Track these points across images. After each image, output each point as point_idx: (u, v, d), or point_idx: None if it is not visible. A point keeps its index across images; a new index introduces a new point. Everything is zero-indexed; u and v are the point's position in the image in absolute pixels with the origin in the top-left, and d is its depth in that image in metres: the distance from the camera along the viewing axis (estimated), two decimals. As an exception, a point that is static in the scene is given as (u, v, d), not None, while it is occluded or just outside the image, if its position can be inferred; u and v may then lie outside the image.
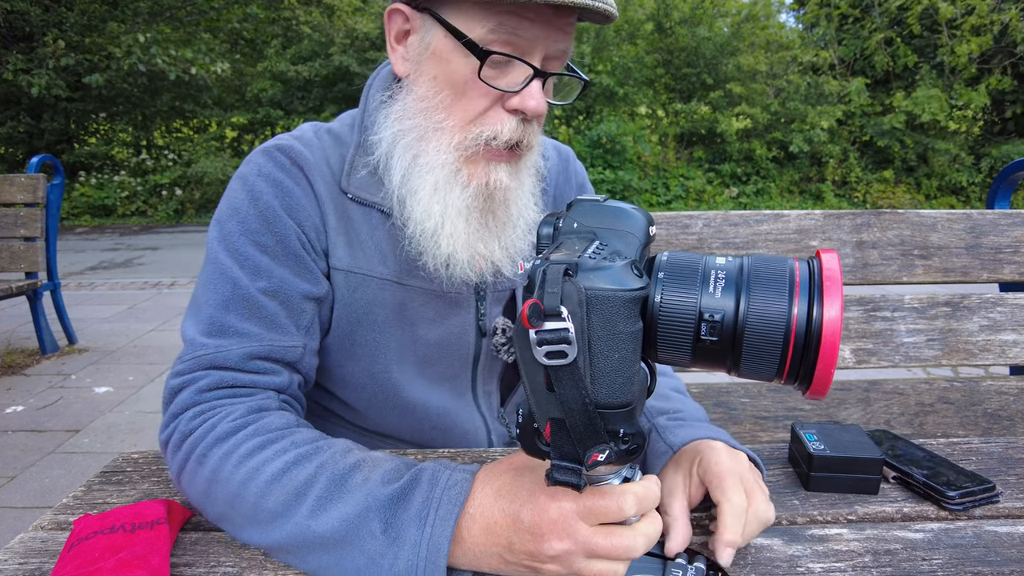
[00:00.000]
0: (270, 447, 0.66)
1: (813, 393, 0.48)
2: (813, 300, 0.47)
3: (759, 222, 1.32)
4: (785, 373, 0.48)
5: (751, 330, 0.47)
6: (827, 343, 0.46)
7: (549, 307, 0.46)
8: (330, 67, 10.72)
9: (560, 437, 0.49)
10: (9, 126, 10.09)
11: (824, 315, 0.46)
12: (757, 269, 0.49)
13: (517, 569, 0.57)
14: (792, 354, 0.47)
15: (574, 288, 0.46)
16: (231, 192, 0.82)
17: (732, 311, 0.48)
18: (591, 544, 0.54)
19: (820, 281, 0.47)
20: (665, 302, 0.49)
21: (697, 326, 0.48)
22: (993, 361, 1.30)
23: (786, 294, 0.47)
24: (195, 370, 0.73)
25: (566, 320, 0.46)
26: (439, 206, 0.79)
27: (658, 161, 10.75)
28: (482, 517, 0.58)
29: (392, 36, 0.82)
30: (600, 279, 0.47)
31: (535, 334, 0.46)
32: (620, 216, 0.54)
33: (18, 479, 2.38)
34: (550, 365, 0.46)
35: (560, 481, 0.50)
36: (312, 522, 0.60)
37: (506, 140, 0.77)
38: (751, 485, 0.66)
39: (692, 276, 0.49)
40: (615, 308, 0.47)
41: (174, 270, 6.38)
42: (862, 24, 11.16)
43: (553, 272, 0.47)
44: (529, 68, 0.74)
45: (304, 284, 0.80)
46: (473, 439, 0.95)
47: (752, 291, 0.48)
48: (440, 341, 0.89)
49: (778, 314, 0.47)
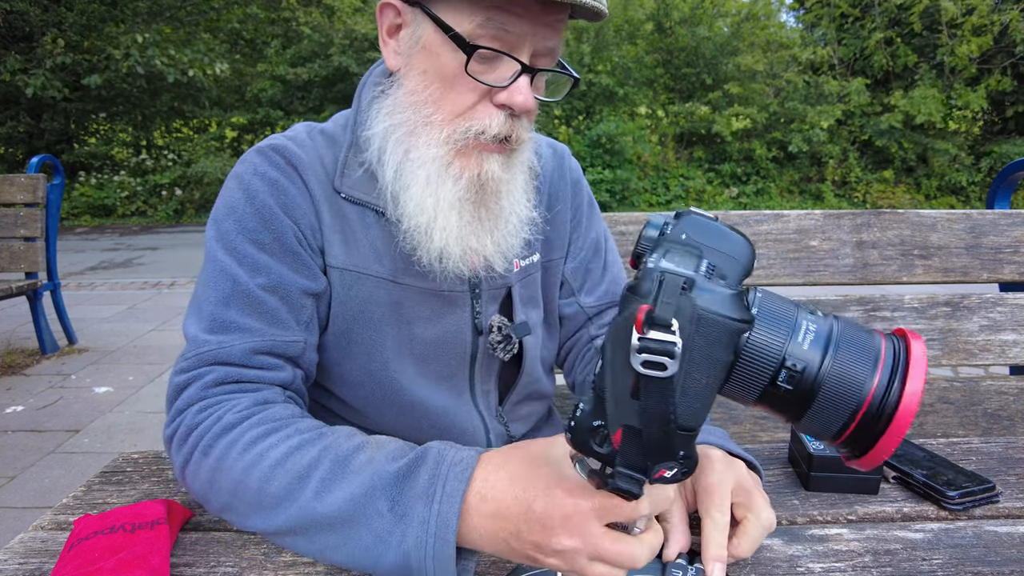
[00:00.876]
0: (274, 434, 0.67)
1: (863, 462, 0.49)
2: (895, 375, 0.47)
3: (759, 222, 1.32)
4: (844, 436, 0.49)
5: (828, 388, 0.48)
6: (902, 417, 0.46)
7: (661, 318, 0.44)
8: (329, 68, 10.73)
9: (630, 445, 0.48)
10: (9, 126, 10.09)
11: (905, 390, 0.47)
12: (847, 333, 0.50)
13: (520, 557, 0.57)
14: (859, 420, 0.48)
15: (689, 304, 0.46)
16: (227, 191, 0.82)
17: (816, 366, 0.48)
18: (598, 546, 0.54)
19: (906, 358, 0.48)
20: (753, 339, 0.49)
21: (777, 371, 0.48)
22: (993, 361, 1.30)
23: (871, 362, 0.48)
24: (199, 366, 0.74)
25: (675, 334, 0.44)
26: (431, 200, 0.79)
27: (658, 161, 10.75)
28: (494, 500, 0.57)
29: (384, 30, 0.83)
30: (714, 303, 0.47)
31: (638, 340, 0.44)
32: (728, 240, 0.53)
33: (18, 479, 2.38)
34: (645, 374, 0.45)
35: (621, 488, 0.49)
36: (317, 503, 0.60)
37: (494, 134, 0.77)
38: (749, 495, 0.65)
39: (785, 321, 0.49)
40: (721, 334, 0.47)
41: (174, 270, 6.38)
42: (862, 24, 11.17)
43: (671, 282, 0.46)
44: (517, 64, 0.74)
45: (303, 280, 0.80)
46: (471, 439, 0.94)
47: (840, 351, 0.48)
48: (436, 340, 0.89)
49: (859, 379, 0.48)
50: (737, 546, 0.63)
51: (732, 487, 0.65)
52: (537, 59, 0.77)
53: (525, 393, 1.00)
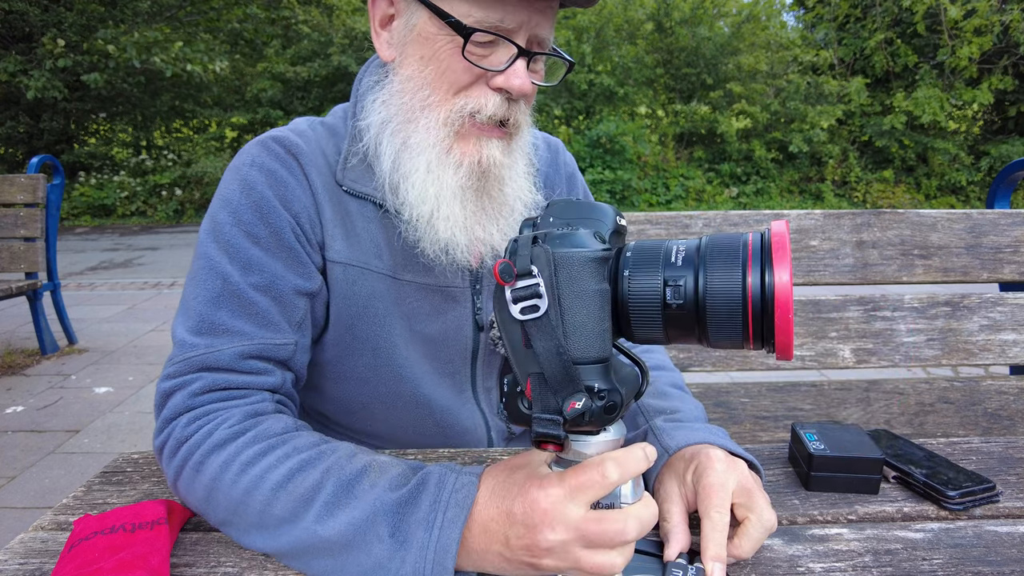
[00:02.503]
0: (272, 453, 0.66)
1: (779, 355, 0.51)
2: (765, 267, 0.50)
3: (759, 222, 1.32)
4: (751, 338, 0.52)
5: (711, 298, 0.51)
6: (780, 305, 0.49)
7: (521, 268, 0.52)
8: (329, 67, 10.73)
9: (540, 390, 0.53)
10: (8, 126, 10.09)
11: (776, 279, 0.49)
12: (713, 244, 0.53)
13: (518, 566, 0.57)
14: (752, 319, 0.51)
15: (542, 251, 0.53)
16: (224, 184, 0.80)
17: (692, 280, 0.52)
18: (583, 529, 0.53)
19: (771, 248, 0.51)
20: (633, 278, 0.54)
21: (663, 293, 0.53)
22: (993, 361, 1.30)
23: (739, 263, 0.51)
24: (186, 372, 0.72)
25: (536, 277, 0.52)
26: (434, 188, 0.78)
27: (658, 161, 10.75)
28: (479, 516, 0.58)
29: (376, 22, 0.83)
30: (565, 243, 0.54)
31: (510, 292, 0.52)
32: (591, 209, 0.60)
33: (18, 479, 2.38)
34: (525, 320, 0.52)
35: (541, 434, 0.53)
36: (319, 527, 0.60)
37: (490, 115, 0.77)
38: (751, 496, 0.65)
39: (656, 254, 0.55)
40: (579, 266, 0.52)
41: (174, 270, 6.37)
42: (862, 24, 11.16)
43: (523, 239, 0.54)
44: (514, 47, 0.75)
45: (297, 279, 0.79)
46: (473, 436, 0.94)
47: (709, 263, 0.52)
48: (438, 336, 0.89)
49: (733, 281, 0.51)
50: (739, 547, 0.63)
51: (733, 488, 0.65)
52: (532, 46, 0.77)
53: None
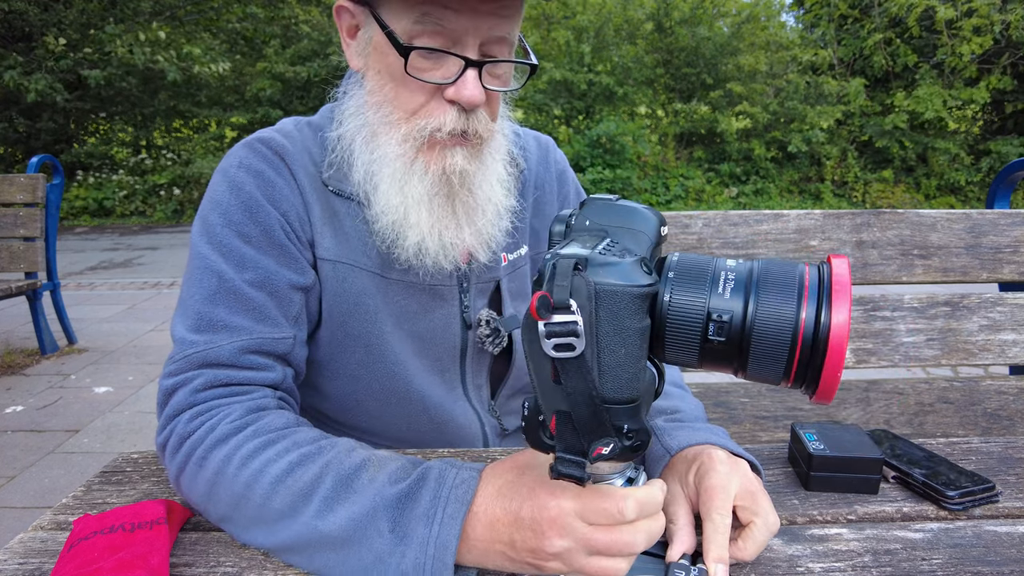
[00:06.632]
0: (272, 447, 0.66)
1: (819, 397, 0.48)
2: (822, 305, 0.47)
3: (759, 222, 1.32)
4: (792, 376, 0.48)
5: (759, 332, 0.48)
6: (834, 347, 0.46)
7: (558, 300, 0.46)
8: (329, 67, 10.71)
9: (565, 430, 0.50)
10: (8, 126, 10.08)
11: (832, 320, 0.46)
12: (767, 272, 0.49)
13: (521, 566, 0.57)
14: (799, 357, 0.47)
15: (583, 282, 0.47)
16: (212, 186, 0.81)
17: (740, 313, 0.48)
18: (591, 541, 0.54)
19: (829, 286, 0.48)
20: (674, 301, 0.49)
21: (705, 326, 0.49)
22: (993, 361, 1.30)
23: (795, 298, 0.48)
24: (187, 370, 0.72)
25: (575, 313, 0.46)
26: (398, 197, 0.79)
27: (657, 161, 10.74)
28: (484, 515, 0.58)
29: (344, 31, 0.83)
30: (610, 274, 0.48)
31: (544, 327, 0.46)
32: (632, 215, 0.55)
33: (18, 479, 2.37)
34: (558, 358, 0.47)
35: (563, 474, 0.50)
36: (319, 522, 0.60)
37: (450, 130, 0.77)
38: (754, 499, 0.65)
39: (702, 277, 0.50)
40: (623, 303, 0.47)
41: (174, 270, 6.37)
42: (862, 24, 11.16)
43: (563, 266, 0.47)
44: (460, 60, 0.73)
45: (290, 274, 0.79)
46: (468, 433, 0.94)
47: (761, 294, 0.48)
48: (426, 334, 0.89)
49: (786, 317, 0.47)
50: (742, 549, 0.63)
51: (736, 490, 0.65)
52: (489, 47, 0.75)
53: (517, 387, 1.00)
